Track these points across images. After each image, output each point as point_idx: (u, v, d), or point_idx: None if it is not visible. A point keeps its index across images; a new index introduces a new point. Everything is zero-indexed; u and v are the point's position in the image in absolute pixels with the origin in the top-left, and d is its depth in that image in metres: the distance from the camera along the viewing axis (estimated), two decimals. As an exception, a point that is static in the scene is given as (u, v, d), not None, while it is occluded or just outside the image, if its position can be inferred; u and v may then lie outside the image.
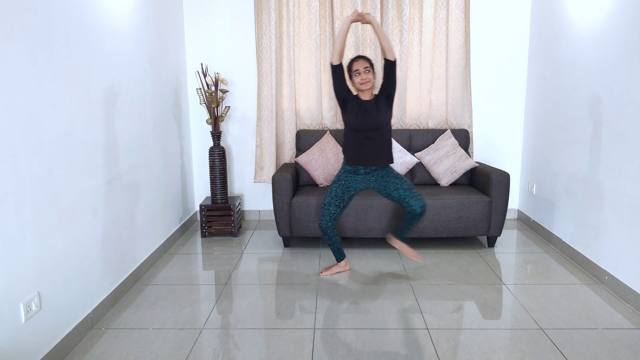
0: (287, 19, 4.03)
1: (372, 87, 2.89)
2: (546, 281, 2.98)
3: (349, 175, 2.96)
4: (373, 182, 2.95)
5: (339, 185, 2.98)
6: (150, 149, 3.30)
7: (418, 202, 2.88)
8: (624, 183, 2.73)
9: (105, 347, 2.26)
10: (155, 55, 3.41)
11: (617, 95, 2.80)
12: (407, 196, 2.89)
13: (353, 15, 2.84)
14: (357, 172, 2.94)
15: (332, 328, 2.42)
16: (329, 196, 2.99)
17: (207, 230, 3.93)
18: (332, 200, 2.98)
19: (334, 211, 2.99)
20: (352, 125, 2.88)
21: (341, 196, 2.97)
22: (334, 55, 2.84)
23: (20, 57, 1.90)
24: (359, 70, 2.84)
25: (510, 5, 4.13)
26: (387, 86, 2.87)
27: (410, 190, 2.90)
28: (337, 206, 2.98)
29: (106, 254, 2.63)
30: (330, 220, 2.99)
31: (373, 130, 2.85)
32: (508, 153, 4.35)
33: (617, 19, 2.82)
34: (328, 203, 2.99)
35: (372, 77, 2.86)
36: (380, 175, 2.93)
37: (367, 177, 2.94)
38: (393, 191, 2.90)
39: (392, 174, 2.94)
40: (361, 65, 2.84)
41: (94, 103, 2.49)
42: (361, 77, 2.83)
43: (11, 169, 1.84)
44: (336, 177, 3.02)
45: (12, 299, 1.86)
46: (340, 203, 2.98)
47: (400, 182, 2.90)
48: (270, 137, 4.13)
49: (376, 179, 2.94)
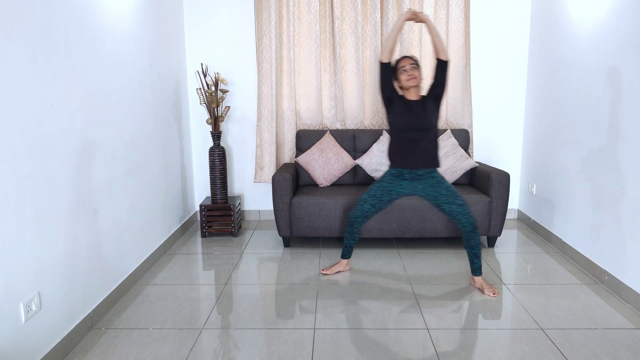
0: (287, 19, 4.03)
1: (418, 84, 2.79)
2: (546, 281, 2.98)
3: (393, 179, 2.86)
4: (420, 190, 2.82)
5: (380, 186, 2.89)
6: (150, 149, 3.30)
7: (469, 219, 2.75)
8: (624, 183, 2.73)
9: (105, 347, 2.26)
10: (155, 55, 3.41)
11: (617, 95, 2.80)
12: (459, 213, 2.75)
13: (407, 13, 2.76)
14: (403, 177, 2.82)
15: (332, 328, 2.42)
16: (368, 193, 2.93)
17: (207, 230, 3.93)
18: (369, 199, 2.91)
19: (367, 209, 2.93)
20: (396, 125, 2.79)
21: (379, 197, 2.89)
22: (384, 52, 2.77)
23: (20, 57, 1.90)
24: (405, 67, 2.75)
25: (510, 5, 4.13)
26: (437, 87, 2.77)
27: (462, 207, 2.75)
28: (373, 206, 2.92)
29: (106, 254, 2.63)
30: (361, 216, 2.95)
31: (419, 131, 2.75)
32: (508, 153, 4.35)
33: (617, 19, 2.82)
34: (364, 200, 2.93)
35: (418, 74, 2.75)
36: (430, 184, 2.79)
37: (413, 183, 2.82)
38: (444, 204, 2.76)
39: (444, 185, 2.78)
40: (407, 62, 2.76)
41: (94, 103, 2.49)
42: (407, 74, 2.74)
43: (11, 169, 1.84)
44: (381, 178, 2.93)
45: (12, 299, 1.86)
46: (376, 204, 2.91)
47: (453, 197, 2.76)
48: (270, 137, 4.13)
49: (424, 187, 2.80)
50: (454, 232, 3.51)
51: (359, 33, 4.04)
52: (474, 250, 2.82)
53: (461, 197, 2.78)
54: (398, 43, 4.00)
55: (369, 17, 4.03)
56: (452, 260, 3.37)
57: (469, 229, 2.77)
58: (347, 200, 3.49)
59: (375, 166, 3.86)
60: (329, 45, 4.10)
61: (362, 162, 3.90)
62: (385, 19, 3.99)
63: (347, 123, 4.22)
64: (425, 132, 2.77)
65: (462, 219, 2.76)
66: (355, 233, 3.04)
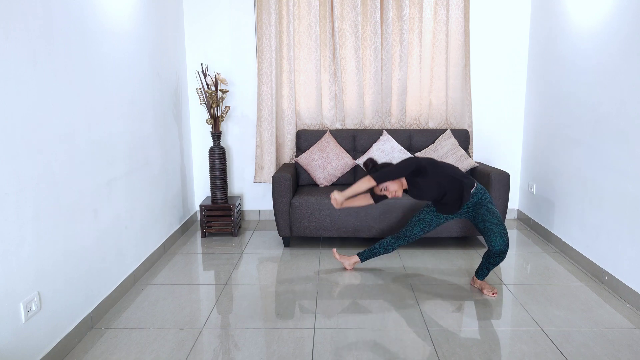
0: (287, 19, 4.03)
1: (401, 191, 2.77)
2: (546, 281, 2.98)
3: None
4: (464, 214, 2.84)
5: (430, 211, 2.94)
6: (150, 149, 3.30)
7: (499, 241, 2.64)
8: (624, 183, 2.73)
9: (105, 347, 2.26)
10: (155, 55, 3.41)
11: (617, 95, 2.80)
12: (492, 231, 2.66)
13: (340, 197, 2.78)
14: None
15: (332, 328, 2.42)
16: (417, 217, 2.97)
17: (207, 230, 3.93)
18: (419, 223, 2.96)
19: (416, 232, 2.97)
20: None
21: (429, 222, 2.94)
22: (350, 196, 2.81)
23: (20, 57, 1.90)
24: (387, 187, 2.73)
25: (510, 5, 4.13)
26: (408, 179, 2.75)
27: (497, 226, 2.66)
28: (422, 229, 2.96)
29: (106, 254, 2.63)
30: (409, 236, 2.99)
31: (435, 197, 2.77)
32: (508, 153, 4.35)
33: (617, 19, 2.82)
34: (414, 222, 2.97)
35: (395, 187, 2.73)
36: (472, 204, 2.78)
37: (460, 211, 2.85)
38: (480, 222, 2.73)
39: (485, 206, 2.74)
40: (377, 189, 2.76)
41: (93, 103, 2.49)
42: (389, 192, 2.74)
43: (11, 169, 1.84)
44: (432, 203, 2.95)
45: (12, 299, 1.86)
46: (425, 227, 2.96)
47: (490, 216, 2.70)
48: (270, 137, 4.13)
49: (467, 210, 2.81)
50: (454, 232, 3.51)
51: (359, 33, 4.03)
52: (489, 265, 2.77)
53: (499, 218, 2.71)
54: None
55: (369, 17, 4.03)
56: (452, 260, 3.37)
57: (496, 250, 2.66)
58: (347, 200, 3.49)
59: (375, 166, 3.86)
60: (329, 45, 4.10)
61: (362, 162, 3.90)
62: (385, 18, 3.99)
63: (347, 123, 4.22)
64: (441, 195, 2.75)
65: (492, 237, 2.66)
66: (391, 247, 3.06)
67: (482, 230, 2.72)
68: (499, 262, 2.71)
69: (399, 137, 4.01)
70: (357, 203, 2.93)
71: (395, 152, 3.86)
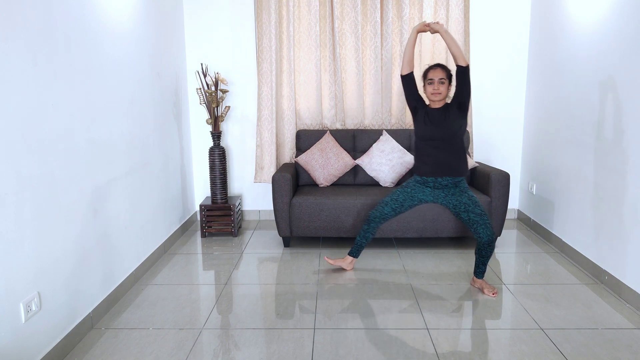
0: (287, 19, 4.03)
1: (443, 99, 2.77)
2: (546, 281, 2.98)
3: (417, 185, 2.86)
4: (442, 199, 2.81)
5: (404, 191, 2.90)
6: (150, 149, 3.30)
7: (486, 231, 2.70)
8: (624, 183, 2.73)
9: (105, 347, 2.26)
10: (155, 55, 3.41)
11: (617, 95, 2.80)
12: (477, 222, 2.71)
13: (419, 25, 2.75)
14: (426, 185, 2.83)
15: (332, 328, 2.42)
16: (390, 197, 2.93)
17: (207, 230, 3.93)
18: (391, 203, 2.92)
19: (387, 212, 2.94)
20: (419, 134, 2.80)
21: (401, 202, 2.90)
22: (403, 65, 2.80)
23: (20, 57, 1.90)
24: (433, 80, 2.73)
25: (510, 5, 4.13)
26: (460, 94, 2.72)
27: (481, 217, 2.71)
28: (393, 210, 2.92)
29: (106, 254, 2.63)
30: (379, 217, 2.95)
31: (440, 141, 2.73)
32: (508, 153, 4.35)
33: (617, 19, 2.82)
34: (386, 202, 2.94)
35: (444, 90, 2.73)
36: (452, 192, 2.78)
37: (436, 191, 2.82)
38: (463, 212, 2.74)
39: (466, 195, 2.76)
40: (436, 76, 2.73)
41: (93, 103, 2.49)
42: (433, 87, 2.73)
43: (11, 169, 1.84)
44: (405, 183, 2.93)
45: (12, 299, 1.86)
46: (397, 208, 2.92)
47: (473, 206, 2.73)
48: (270, 137, 4.13)
49: (446, 195, 2.79)
50: (453, 232, 3.51)
51: (359, 33, 4.04)
52: (483, 259, 2.80)
53: (481, 208, 2.74)
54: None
55: (369, 17, 4.03)
56: (452, 260, 3.37)
57: (484, 241, 2.72)
58: (347, 200, 3.49)
59: (376, 166, 3.86)
60: (329, 45, 4.10)
61: (362, 162, 3.90)
62: (385, 18, 3.99)
63: (347, 123, 4.22)
64: (447, 141, 2.74)
65: (479, 230, 2.71)
66: (369, 232, 3.03)
67: (466, 222, 2.76)
68: (491, 252, 2.76)
69: (399, 137, 4.01)
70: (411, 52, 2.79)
71: (395, 152, 3.86)
